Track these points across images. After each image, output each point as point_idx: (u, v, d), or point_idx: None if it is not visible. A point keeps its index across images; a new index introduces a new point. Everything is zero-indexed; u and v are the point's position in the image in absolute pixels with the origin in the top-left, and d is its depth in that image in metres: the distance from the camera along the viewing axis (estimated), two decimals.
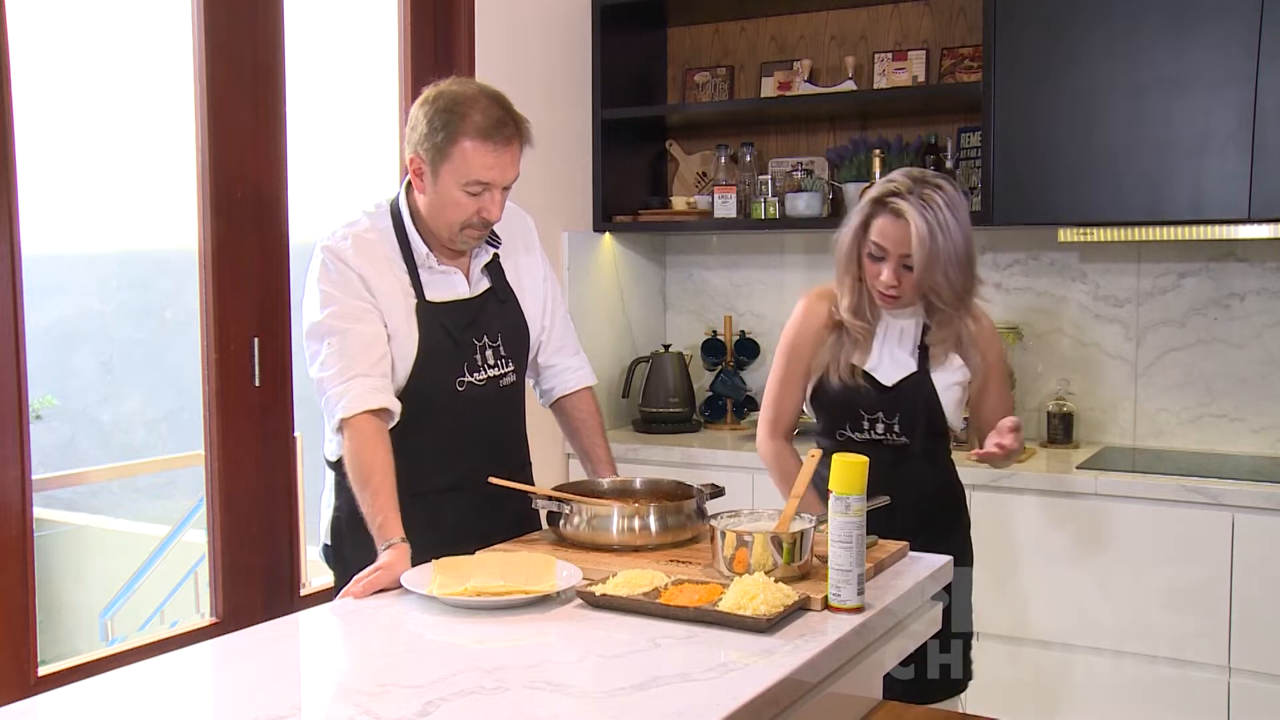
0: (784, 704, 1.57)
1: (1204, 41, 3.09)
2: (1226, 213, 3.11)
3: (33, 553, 2.46)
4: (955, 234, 2.29)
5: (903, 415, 2.42)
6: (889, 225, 2.32)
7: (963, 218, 2.32)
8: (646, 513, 2.13)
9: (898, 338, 2.45)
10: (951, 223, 2.29)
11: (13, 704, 1.51)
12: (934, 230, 2.27)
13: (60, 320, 4.36)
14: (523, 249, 2.42)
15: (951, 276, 2.31)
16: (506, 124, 2.16)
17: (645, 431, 3.93)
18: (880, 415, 2.42)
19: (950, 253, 2.29)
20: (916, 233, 2.27)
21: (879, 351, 2.44)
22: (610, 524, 2.12)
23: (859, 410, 2.43)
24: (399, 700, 1.46)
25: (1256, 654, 2.96)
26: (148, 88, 3.63)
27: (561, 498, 2.18)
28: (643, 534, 2.12)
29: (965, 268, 2.34)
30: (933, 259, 2.28)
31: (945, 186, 2.31)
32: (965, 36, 3.75)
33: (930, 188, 2.30)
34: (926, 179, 2.32)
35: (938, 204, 2.28)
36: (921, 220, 2.27)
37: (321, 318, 2.17)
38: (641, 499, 2.28)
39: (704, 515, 2.21)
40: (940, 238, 2.27)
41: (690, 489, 2.27)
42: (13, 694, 2.35)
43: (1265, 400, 3.44)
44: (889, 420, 2.42)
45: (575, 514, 2.14)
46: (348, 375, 2.13)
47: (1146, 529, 3.07)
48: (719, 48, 4.14)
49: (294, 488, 3.03)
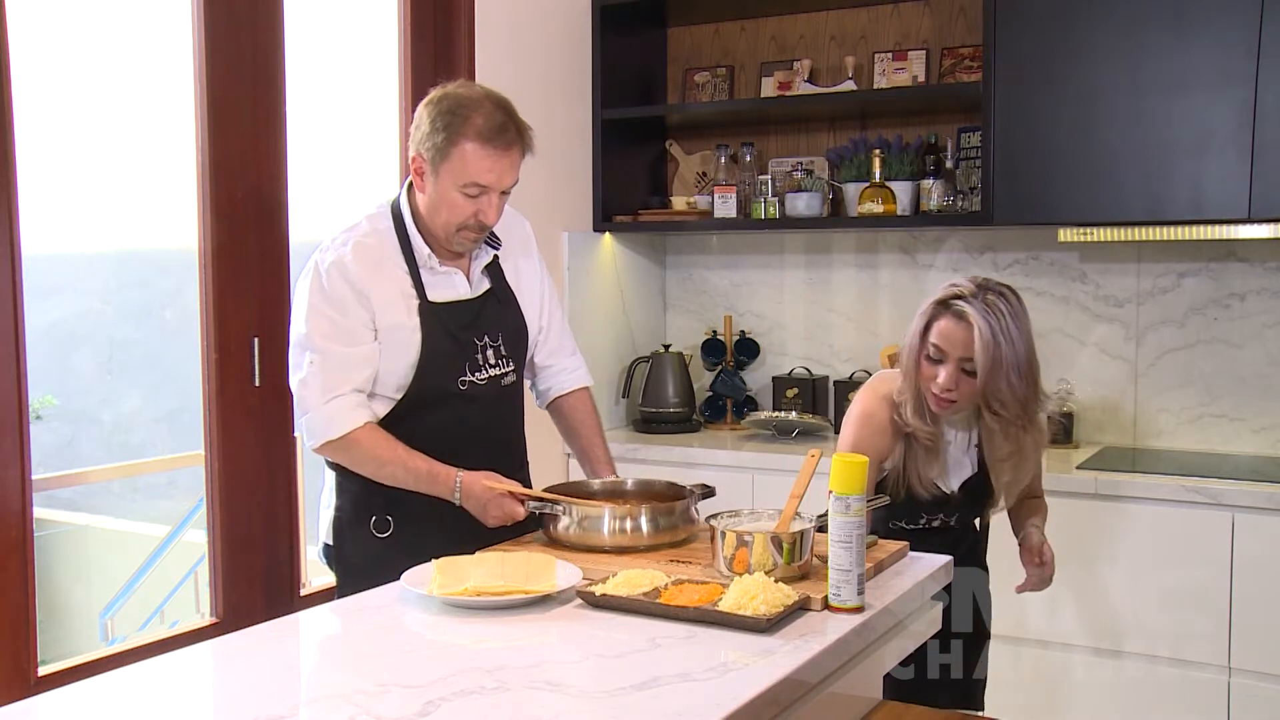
0: (784, 704, 1.57)
1: (1204, 41, 3.09)
2: (1226, 213, 3.11)
3: (33, 553, 2.46)
4: (1018, 341, 2.26)
5: (962, 514, 2.44)
6: (951, 327, 2.27)
7: (1025, 327, 2.29)
8: (638, 514, 2.11)
9: (958, 443, 2.42)
10: (1014, 330, 2.26)
11: (13, 704, 1.51)
12: (997, 335, 2.23)
13: (60, 320, 4.36)
14: (521, 252, 2.44)
15: (1015, 384, 2.27)
16: (508, 130, 2.18)
17: (645, 431, 3.93)
18: (940, 516, 2.42)
19: (1013, 360, 2.25)
20: (980, 336, 2.23)
21: (947, 464, 2.41)
22: (601, 525, 2.10)
23: (920, 513, 2.41)
24: (399, 700, 1.46)
25: (1256, 654, 2.96)
26: (148, 88, 3.63)
27: (552, 499, 2.16)
28: (634, 535, 2.10)
29: (1028, 377, 2.29)
30: (996, 365, 2.24)
31: (1009, 295, 2.29)
32: (965, 36, 3.75)
33: (994, 294, 2.27)
34: (990, 285, 2.29)
35: (1001, 310, 2.25)
36: (985, 324, 2.23)
37: (306, 332, 2.21)
38: (633, 500, 2.26)
39: (696, 516, 2.20)
40: (1004, 343, 2.24)
41: (682, 490, 2.26)
42: (13, 694, 2.35)
43: (1265, 400, 3.44)
44: (948, 519, 2.43)
45: (566, 515, 2.13)
46: (328, 397, 2.18)
47: (1146, 529, 3.07)
48: (719, 48, 4.14)
49: (294, 488, 3.03)
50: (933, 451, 2.36)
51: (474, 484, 2.17)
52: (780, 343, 4.11)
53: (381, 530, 2.26)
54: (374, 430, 2.20)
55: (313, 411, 2.19)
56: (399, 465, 2.19)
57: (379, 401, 2.26)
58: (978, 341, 2.23)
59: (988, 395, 2.28)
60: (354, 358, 2.19)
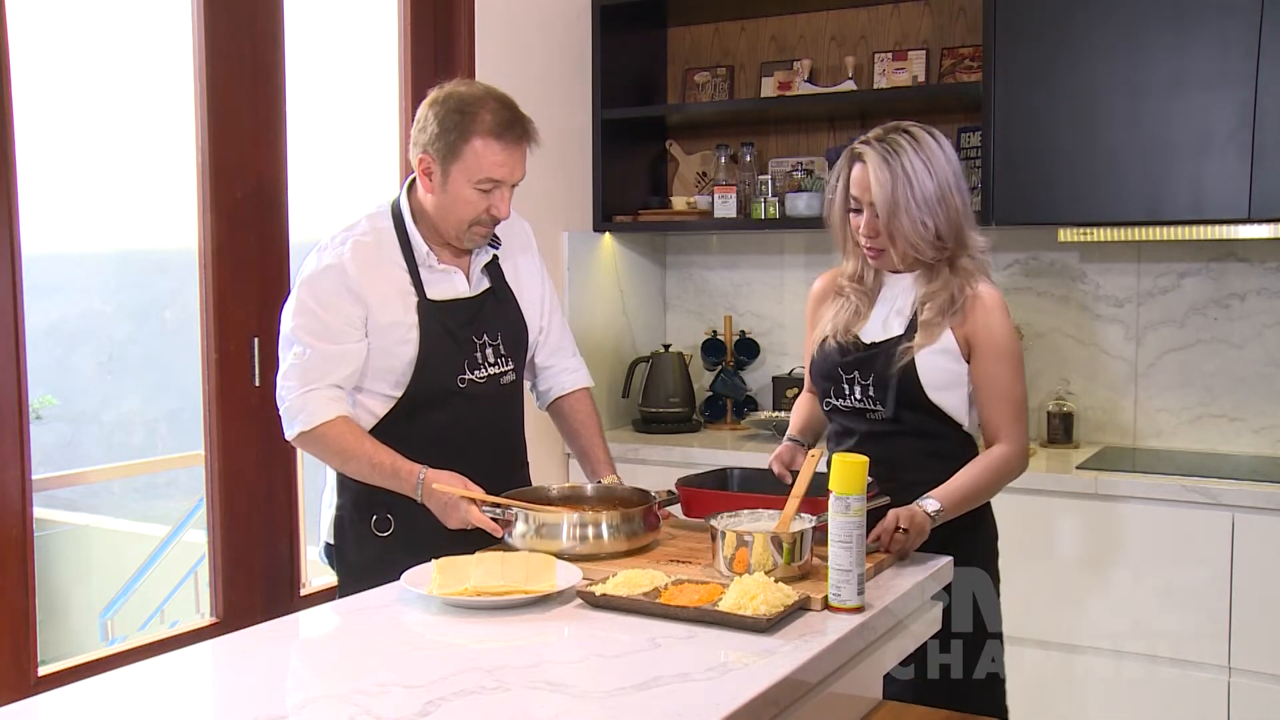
0: (784, 704, 1.57)
1: (1204, 41, 3.09)
2: (1226, 213, 3.11)
3: (33, 553, 2.46)
4: (920, 176, 2.21)
5: (876, 376, 2.29)
6: (858, 173, 2.27)
7: (937, 164, 2.23)
8: (598, 520, 2.07)
9: (896, 306, 2.35)
10: (916, 166, 2.21)
11: (13, 704, 1.51)
12: (896, 173, 2.21)
13: (60, 320, 4.36)
14: (520, 252, 2.45)
15: (919, 220, 2.22)
16: (517, 124, 2.21)
17: (645, 431, 3.93)
18: (856, 376, 2.31)
19: (919, 197, 2.21)
20: (874, 175, 2.22)
21: (876, 318, 2.36)
22: (560, 532, 2.06)
23: (838, 370, 2.35)
24: (399, 700, 1.46)
25: (1256, 654, 2.96)
26: (148, 88, 3.62)
27: (509, 504, 2.13)
28: (595, 542, 2.06)
29: (941, 215, 2.23)
30: (895, 203, 2.21)
31: (917, 133, 2.25)
32: (965, 36, 3.75)
33: (901, 133, 2.25)
34: (899, 127, 2.27)
35: (902, 146, 2.22)
36: (881, 163, 2.22)
37: (292, 327, 2.24)
38: (593, 506, 2.23)
39: (658, 522, 2.17)
40: (900, 179, 2.21)
41: (648, 495, 2.24)
42: (13, 694, 2.35)
43: (1265, 400, 3.44)
44: (864, 381, 2.30)
45: (523, 521, 2.08)
46: (304, 389, 2.20)
47: (1146, 529, 3.07)
48: (719, 48, 4.14)
49: (294, 488, 3.03)
50: (862, 309, 2.35)
51: (445, 487, 2.14)
52: (780, 343, 4.11)
53: (382, 529, 2.27)
54: (345, 423, 2.21)
55: (288, 403, 2.22)
56: (364, 459, 2.19)
57: (378, 400, 2.27)
58: (873, 181, 2.23)
59: (894, 234, 2.24)
60: (335, 354, 2.21)
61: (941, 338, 2.27)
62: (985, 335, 2.25)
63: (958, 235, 2.28)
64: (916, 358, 2.26)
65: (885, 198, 2.22)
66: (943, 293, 2.27)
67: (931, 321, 2.27)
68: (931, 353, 2.26)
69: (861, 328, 2.35)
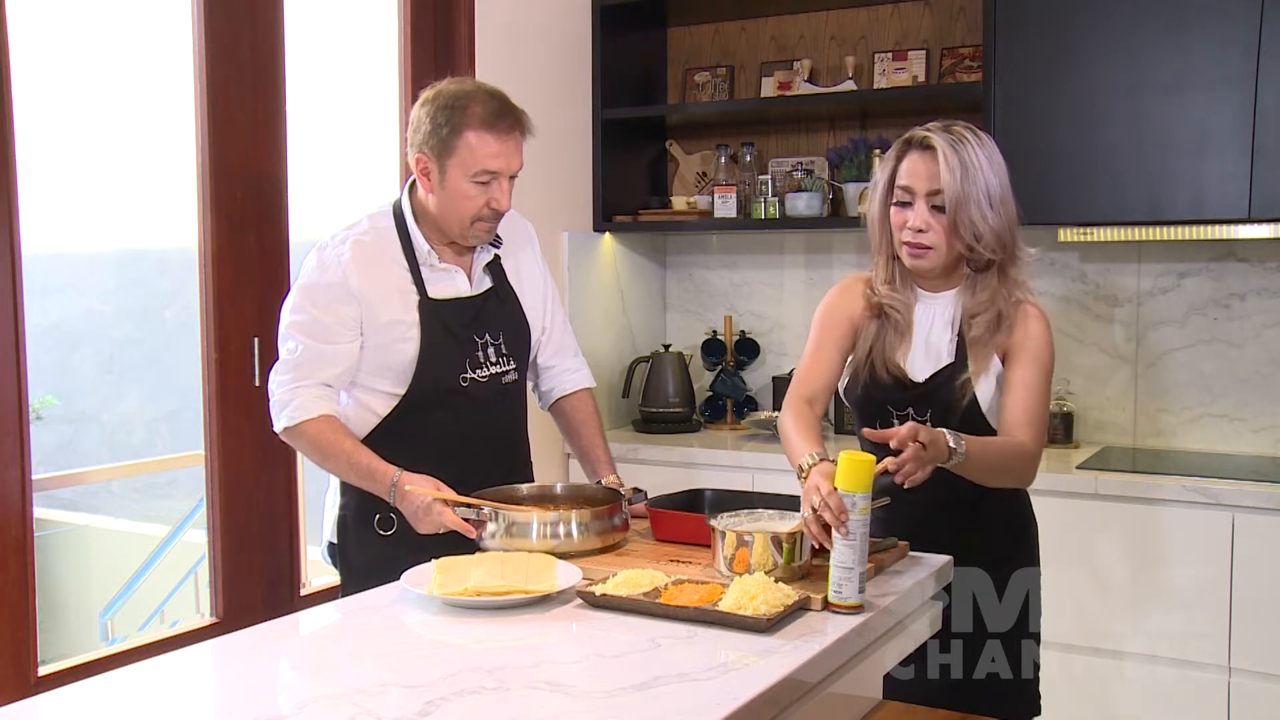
0: (784, 704, 1.57)
1: (1204, 41, 3.09)
2: (1226, 213, 3.11)
3: (33, 553, 2.46)
4: (987, 170, 2.13)
5: (935, 415, 2.19)
6: (917, 161, 2.15)
7: (996, 160, 2.17)
8: (568, 519, 2.07)
9: (935, 324, 2.24)
10: (983, 159, 2.14)
11: (13, 704, 1.51)
12: (966, 161, 2.12)
13: (60, 320, 4.36)
14: (522, 251, 2.45)
15: (987, 215, 2.12)
16: (508, 114, 2.21)
17: (645, 431, 3.93)
18: (910, 413, 2.20)
19: (984, 188, 2.12)
20: (945, 162, 2.11)
21: (917, 342, 2.23)
22: (530, 531, 2.06)
23: (888, 407, 2.25)
24: (399, 700, 1.46)
25: (1256, 654, 2.96)
26: (148, 87, 3.62)
27: (479, 504, 2.12)
28: (565, 541, 2.06)
29: (1002, 213, 2.15)
30: (965, 194, 2.11)
31: (978, 131, 2.19)
32: (965, 36, 3.75)
33: (962, 126, 2.18)
34: (957, 123, 2.20)
35: (968, 139, 2.15)
36: (951, 150, 2.12)
37: (288, 324, 2.25)
38: (563, 505, 2.22)
39: (627, 521, 2.17)
40: (972, 168, 2.12)
41: (617, 493, 2.24)
42: (13, 694, 2.35)
43: (1265, 400, 3.44)
44: (919, 418, 2.18)
45: (494, 521, 2.08)
46: (293, 386, 2.21)
47: (1146, 529, 3.07)
48: (719, 48, 4.14)
49: (294, 488, 3.03)
50: (903, 329, 2.23)
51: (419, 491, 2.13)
52: (780, 343, 4.11)
53: (385, 529, 2.27)
54: (329, 421, 2.21)
55: (276, 396, 2.23)
56: (343, 458, 2.20)
57: (381, 398, 2.27)
58: (943, 168, 2.11)
59: (959, 227, 2.13)
60: (327, 354, 2.22)
61: (993, 364, 2.22)
62: (1023, 340, 2.20)
63: (1012, 240, 2.21)
64: (977, 386, 2.20)
65: (955, 186, 2.12)
66: (991, 308, 2.20)
67: (980, 339, 2.20)
68: (986, 379, 2.21)
69: (905, 354, 2.24)
